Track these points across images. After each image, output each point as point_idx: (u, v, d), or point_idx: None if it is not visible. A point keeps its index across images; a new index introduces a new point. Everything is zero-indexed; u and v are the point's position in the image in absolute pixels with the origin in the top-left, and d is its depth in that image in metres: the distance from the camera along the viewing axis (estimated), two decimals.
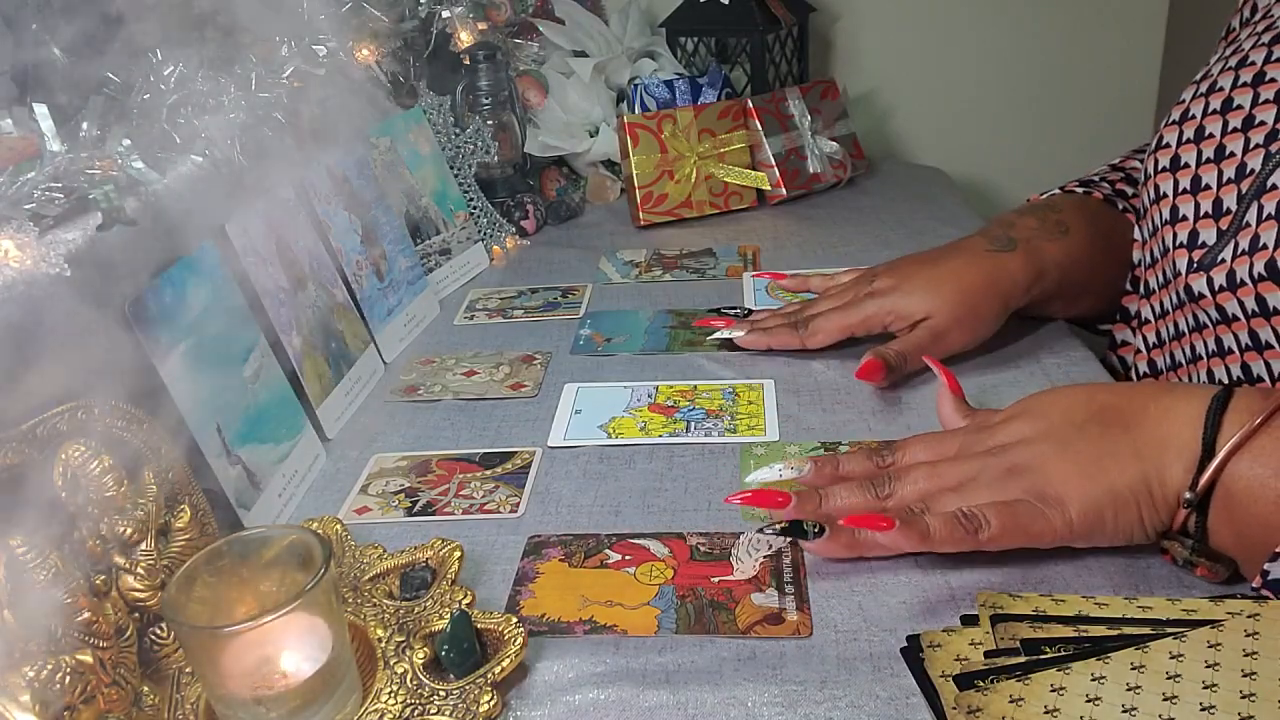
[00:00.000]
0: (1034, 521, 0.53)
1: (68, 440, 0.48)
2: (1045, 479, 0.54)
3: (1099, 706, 0.43)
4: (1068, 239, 0.78)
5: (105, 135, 0.61)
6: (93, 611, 0.45)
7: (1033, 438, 0.56)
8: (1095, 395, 0.56)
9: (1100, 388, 0.57)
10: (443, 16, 1.05)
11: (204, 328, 0.63)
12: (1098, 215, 0.82)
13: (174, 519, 0.52)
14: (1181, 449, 0.52)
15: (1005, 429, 0.58)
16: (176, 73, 0.67)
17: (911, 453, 0.61)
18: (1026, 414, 0.58)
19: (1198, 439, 0.51)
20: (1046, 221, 0.79)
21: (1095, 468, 0.53)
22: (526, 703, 0.50)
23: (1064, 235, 0.78)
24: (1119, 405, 0.55)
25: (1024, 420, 0.57)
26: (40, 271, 0.53)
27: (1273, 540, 0.49)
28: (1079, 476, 0.53)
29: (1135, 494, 0.53)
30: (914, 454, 0.60)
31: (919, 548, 0.54)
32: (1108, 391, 0.56)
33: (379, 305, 0.88)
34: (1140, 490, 0.53)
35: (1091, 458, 0.53)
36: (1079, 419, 0.55)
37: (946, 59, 1.52)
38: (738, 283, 0.99)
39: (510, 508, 0.65)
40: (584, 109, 1.23)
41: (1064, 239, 0.78)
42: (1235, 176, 0.63)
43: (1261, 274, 0.58)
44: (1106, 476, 0.53)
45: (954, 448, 0.59)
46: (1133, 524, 0.53)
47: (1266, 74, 0.64)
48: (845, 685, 0.49)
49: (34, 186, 0.55)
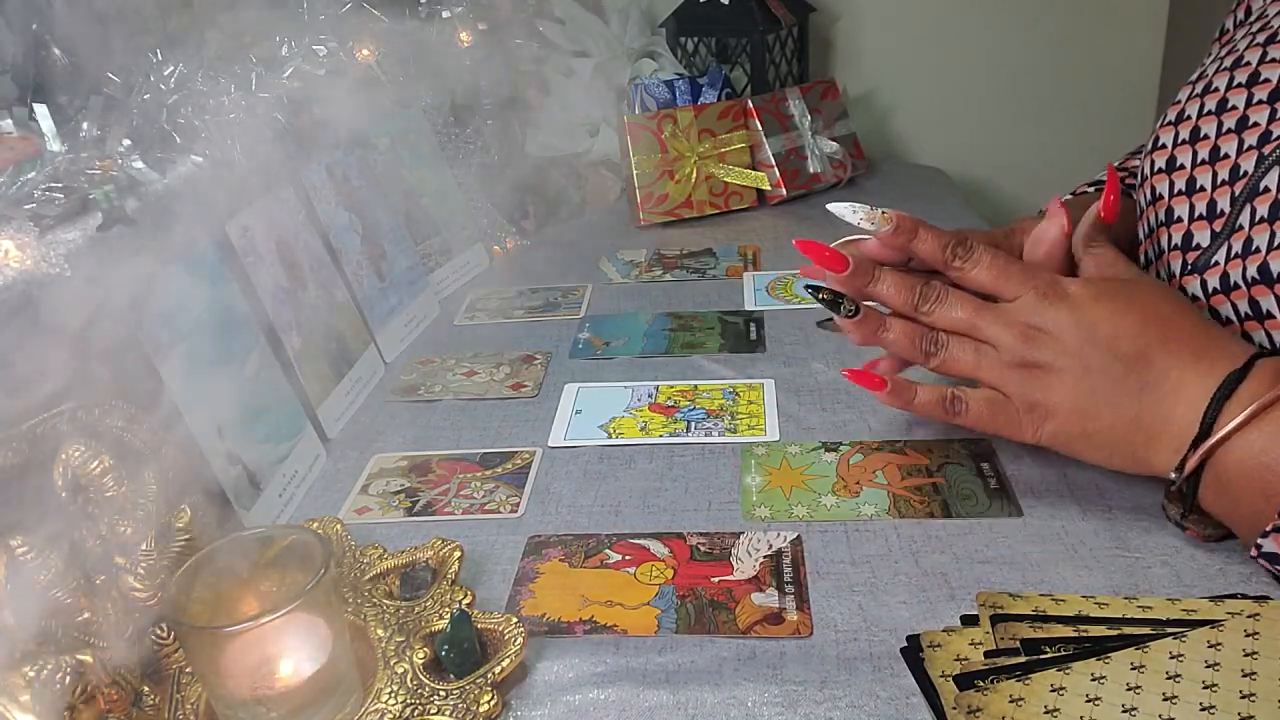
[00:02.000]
0: (1007, 424, 0.58)
1: (68, 440, 0.48)
2: (1045, 390, 0.57)
3: (1099, 706, 0.43)
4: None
5: (105, 135, 0.61)
6: (93, 611, 0.45)
7: (1067, 345, 0.56)
8: (1145, 331, 0.55)
9: (1153, 323, 0.56)
10: (443, 16, 1.05)
11: (204, 328, 0.63)
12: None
13: (174, 519, 0.52)
14: (1176, 432, 0.54)
15: (1058, 315, 0.57)
16: (176, 73, 0.67)
17: (978, 269, 0.59)
18: (1083, 316, 0.57)
19: (1196, 423, 0.53)
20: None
21: (1092, 407, 0.56)
22: (526, 703, 0.50)
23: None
24: (1150, 358, 0.55)
25: (1078, 319, 0.57)
26: (40, 271, 0.53)
27: (1260, 520, 0.51)
28: (1070, 407, 0.56)
29: (1114, 447, 0.56)
30: (979, 272, 0.59)
31: (905, 408, 0.61)
32: (1157, 332, 0.55)
33: (379, 305, 0.88)
34: (1119, 447, 0.56)
35: (1096, 398, 0.56)
36: (1118, 349, 0.55)
37: (946, 59, 1.52)
38: (738, 282, 0.99)
39: (510, 508, 0.65)
40: (584, 109, 1.23)
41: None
42: (1229, 178, 0.62)
43: (1254, 277, 0.58)
44: (1096, 422, 0.56)
45: (1014, 289, 0.58)
46: (1101, 463, 0.58)
47: (1261, 74, 0.63)
48: (845, 685, 0.49)
49: (34, 186, 0.55)
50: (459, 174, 1.07)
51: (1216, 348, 0.54)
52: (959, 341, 0.60)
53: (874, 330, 0.61)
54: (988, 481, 0.63)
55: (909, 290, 0.60)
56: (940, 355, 0.60)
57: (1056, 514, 0.60)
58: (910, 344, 0.60)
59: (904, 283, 0.60)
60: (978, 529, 0.59)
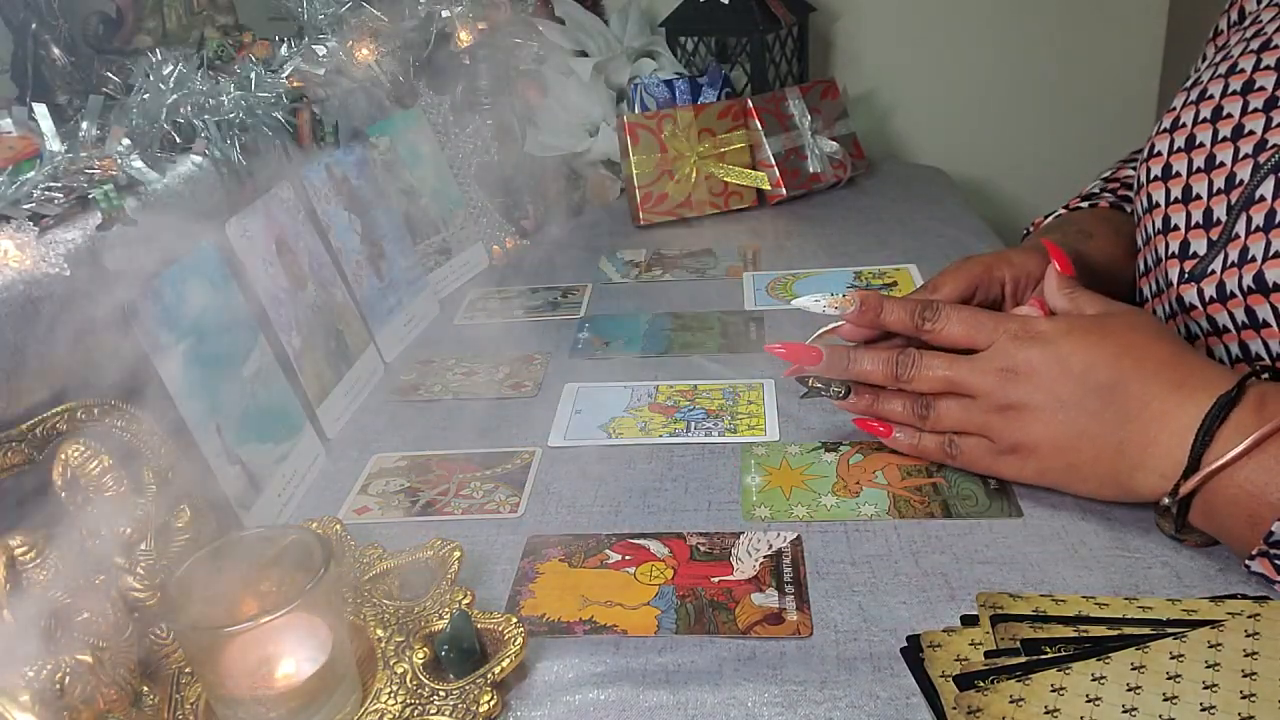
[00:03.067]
0: (994, 465, 0.61)
1: (68, 440, 0.48)
2: (1024, 430, 0.58)
3: (1099, 707, 0.43)
4: (1094, 242, 0.78)
5: (105, 135, 0.61)
6: (93, 611, 0.45)
7: (1041, 382, 0.57)
8: (1119, 362, 0.56)
9: (1128, 354, 0.56)
10: (442, 16, 1.05)
11: (204, 328, 0.63)
12: (1111, 219, 0.82)
13: (174, 519, 0.52)
14: (1163, 456, 0.54)
15: (1030, 354, 0.58)
16: (176, 73, 0.67)
17: (948, 326, 0.62)
18: (1055, 351, 0.57)
19: (1184, 453, 0.53)
20: (1068, 233, 0.79)
21: (1071, 441, 0.57)
22: (526, 703, 0.50)
23: (1089, 239, 0.78)
24: (1128, 388, 0.55)
25: (1051, 355, 0.57)
26: (40, 271, 0.53)
27: (1245, 544, 0.52)
28: (1051, 444, 0.58)
29: (1101, 479, 0.57)
30: (950, 328, 0.62)
31: (910, 452, 0.65)
32: (1132, 362, 0.56)
33: (379, 305, 0.88)
34: (1106, 479, 0.57)
35: (1075, 430, 0.57)
36: (1092, 382, 0.56)
37: (946, 59, 1.52)
38: (738, 282, 0.99)
39: (510, 508, 0.65)
40: (584, 109, 1.23)
41: (1091, 242, 0.78)
42: (1225, 187, 0.62)
43: (1251, 286, 0.58)
44: (1078, 455, 0.57)
45: (987, 337, 0.60)
46: (1092, 494, 0.59)
47: (1256, 82, 0.63)
48: (845, 685, 0.49)
49: (34, 186, 0.55)
50: (459, 174, 1.07)
51: (1195, 376, 0.55)
52: (944, 400, 0.62)
53: (870, 404, 0.65)
54: (988, 482, 0.63)
55: (887, 364, 0.63)
56: (931, 416, 0.63)
57: (1056, 514, 0.60)
58: (907, 413, 0.64)
59: (880, 357, 0.63)
60: (978, 529, 0.59)
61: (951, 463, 0.63)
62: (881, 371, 0.63)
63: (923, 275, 0.96)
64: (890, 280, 0.96)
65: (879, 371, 0.63)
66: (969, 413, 0.61)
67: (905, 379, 0.62)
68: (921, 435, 0.64)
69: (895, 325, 0.64)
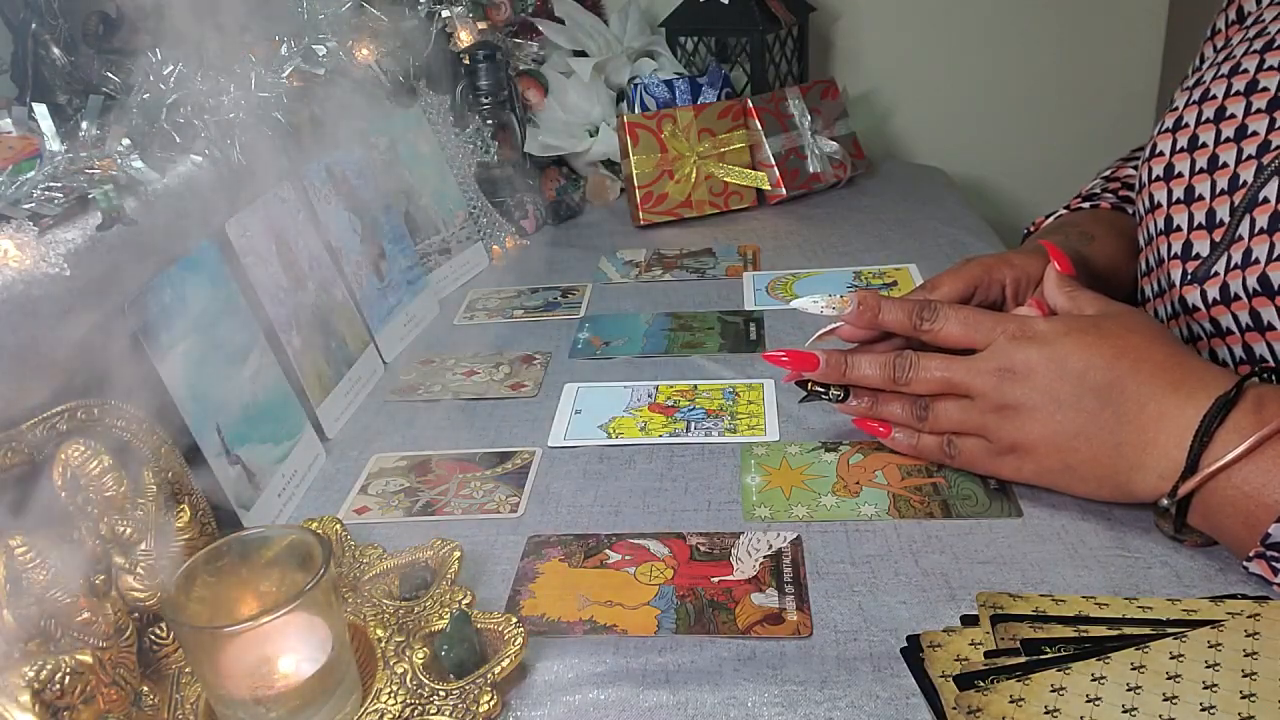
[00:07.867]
0: (992, 465, 0.62)
1: (68, 440, 0.48)
2: (1021, 430, 0.58)
3: (1099, 707, 0.43)
4: (1095, 244, 0.78)
5: (105, 135, 0.61)
6: (93, 611, 0.45)
7: (1038, 382, 0.57)
8: (1117, 363, 0.56)
9: (1126, 355, 0.56)
10: (442, 16, 1.05)
11: (204, 328, 0.63)
12: (1113, 221, 0.82)
13: (174, 519, 0.52)
14: (1161, 457, 0.54)
15: (1028, 354, 0.58)
16: (176, 73, 0.67)
17: (946, 326, 0.62)
18: (1053, 351, 0.57)
19: (1183, 455, 0.53)
20: (1069, 235, 0.79)
21: (1068, 441, 0.57)
22: (526, 703, 0.50)
23: (1090, 241, 0.78)
24: (1125, 389, 0.55)
25: (1049, 355, 0.57)
26: (40, 271, 0.53)
27: (1243, 545, 0.52)
28: (1047, 443, 0.58)
29: (1099, 480, 0.57)
30: (948, 328, 0.62)
31: (909, 453, 0.65)
32: (1129, 363, 0.56)
33: (379, 305, 0.88)
34: (1104, 480, 0.57)
35: (1072, 430, 0.56)
36: (1090, 382, 0.56)
37: (946, 59, 1.52)
38: (737, 282, 0.99)
39: (510, 508, 0.65)
40: (584, 109, 1.23)
41: (1092, 244, 0.78)
42: (1228, 188, 0.62)
43: (1255, 289, 0.58)
44: (1074, 455, 0.57)
45: (985, 337, 0.60)
46: (1089, 495, 0.59)
47: (1259, 83, 0.63)
48: (845, 685, 0.49)
49: (34, 186, 0.55)
50: (459, 174, 1.07)
51: (1193, 377, 0.55)
52: (943, 400, 0.62)
53: (868, 407, 0.65)
54: (987, 482, 0.63)
55: (884, 367, 0.63)
56: (929, 417, 0.63)
57: (1056, 514, 0.60)
58: (905, 414, 0.64)
59: (877, 361, 0.63)
60: (978, 529, 0.59)
61: (950, 463, 0.63)
62: (879, 374, 0.63)
63: (923, 275, 0.96)
64: (890, 280, 0.96)
65: (877, 375, 0.63)
66: (967, 413, 0.61)
67: (903, 381, 0.62)
68: (920, 436, 0.64)
69: (893, 325, 0.64)
